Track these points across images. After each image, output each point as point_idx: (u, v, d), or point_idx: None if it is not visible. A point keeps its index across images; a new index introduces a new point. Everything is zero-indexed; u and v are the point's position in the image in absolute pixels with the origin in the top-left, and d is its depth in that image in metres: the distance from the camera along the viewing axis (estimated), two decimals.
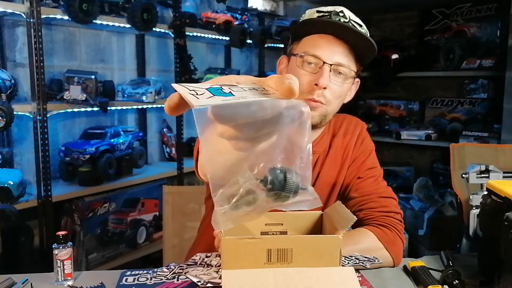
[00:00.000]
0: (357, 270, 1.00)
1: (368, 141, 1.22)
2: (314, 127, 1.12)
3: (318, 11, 1.08)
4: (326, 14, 1.06)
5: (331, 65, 1.05)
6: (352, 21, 1.06)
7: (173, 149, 2.85)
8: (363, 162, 1.18)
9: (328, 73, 1.05)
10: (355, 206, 1.13)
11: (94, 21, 2.11)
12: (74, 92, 2.08)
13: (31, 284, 0.96)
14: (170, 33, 2.58)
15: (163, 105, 2.62)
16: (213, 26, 2.80)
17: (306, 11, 1.12)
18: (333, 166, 1.18)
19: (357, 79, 1.15)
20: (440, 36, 3.54)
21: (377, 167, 1.20)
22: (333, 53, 1.05)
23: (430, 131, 3.38)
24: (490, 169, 1.49)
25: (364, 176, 1.16)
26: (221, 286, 0.76)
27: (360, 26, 1.08)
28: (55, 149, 2.23)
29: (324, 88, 1.05)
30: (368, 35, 1.08)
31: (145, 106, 2.62)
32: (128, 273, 1.03)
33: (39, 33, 1.94)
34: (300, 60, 1.07)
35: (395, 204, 1.14)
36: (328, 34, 1.05)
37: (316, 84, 1.04)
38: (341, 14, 1.05)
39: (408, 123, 3.65)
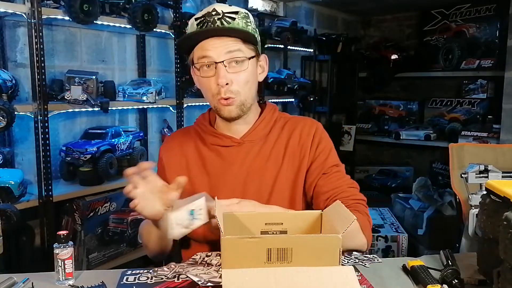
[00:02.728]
0: (356, 269, 1.01)
1: (327, 141, 1.26)
2: (239, 118, 1.18)
3: (196, 19, 1.13)
4: (202, 19, 1.11)
5: (222, 61, 1.10)
6: (225, 15, 1.10)
7: None
8: (325, 160, 1.21)
9: (224, 70, 1.10)
10: (329, 199, 1.16)
11: (95, 21, 2.11)
12: (75, 92, 2.08)
13: (32, 283, 0.97)
14: (171, 33, 2.58)
15: (163, 106, 2.64)
16: None
17: (189, 22, 1.17)
18: (291, 167, 1.21)
19: (263, 55, 1.22)
20: (439, 37, 3.55)
21: (339, 163, 1.25)
22: (219, 51, 1.10)
23: (429, 131, 3.38)
24: (489, 169, 1.49)
25: (330, 172, 1.20)
26: (221, 285, 0.77)
27: (236, 13, 1.12)
28: (56, 149, 2.23)
29: (227, 84, 1.11)
30: (248, 19, 1.14)
31: (145, 106, 2.62)
32: (129, 272, 1.03)
33: (40, 34, 1.94)
34: (197, 69, 1.14)
35: (360, 193, 1.22)
36: (208, 38, 1.11)
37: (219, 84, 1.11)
38: (213, 13, 1.10)
39: (407, 123, 3.66)
